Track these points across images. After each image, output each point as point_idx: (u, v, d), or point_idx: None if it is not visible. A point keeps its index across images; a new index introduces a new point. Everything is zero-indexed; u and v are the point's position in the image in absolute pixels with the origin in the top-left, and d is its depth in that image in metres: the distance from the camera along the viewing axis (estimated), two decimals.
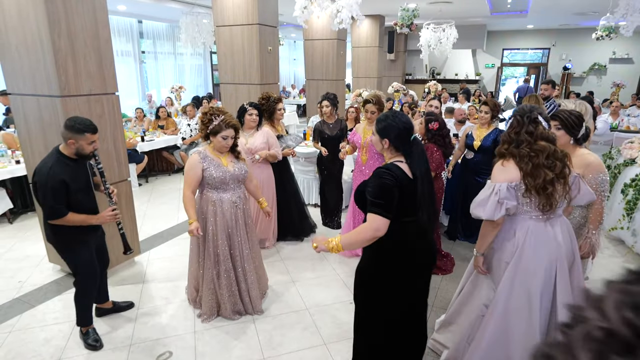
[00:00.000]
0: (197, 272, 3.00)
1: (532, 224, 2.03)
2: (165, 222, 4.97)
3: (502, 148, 2.08)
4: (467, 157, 4.13)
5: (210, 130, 2.74)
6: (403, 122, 1.90)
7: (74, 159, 2.49)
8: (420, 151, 1.91)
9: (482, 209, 2.03)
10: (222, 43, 5.54)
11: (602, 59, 13.74)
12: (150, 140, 6.65)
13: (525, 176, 1.96)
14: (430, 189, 1.92)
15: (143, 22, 10.02)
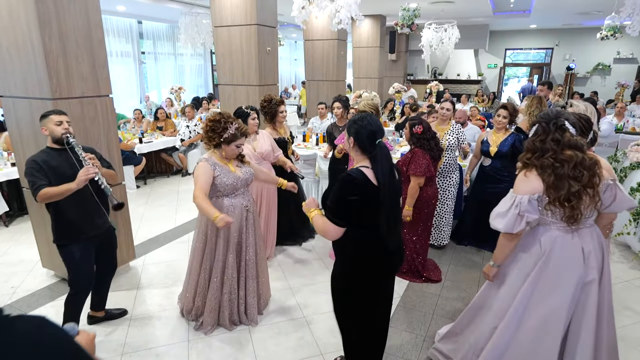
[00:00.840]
0: (197, 282, 2.89)
1: (559, 235, 1.94)
2: (162, 225, 4.90)
3: (524, 157, 1.97)
4: (483, 164, 3.98)
5: (225, 139, 2.62)
6: (370, 124, 1.87)
7: (57, 149, 2.51)
8: (384, 157, 1.85)
9: (501, 220, 1.95)
10: (221, 44, 5.47)
11: (606, 59, 13.60)
12: (148, 142, 6.59)
13: (548, 188, 1.87)
14: (394, 197, 1.89)
15: (143, 22, 9.97)
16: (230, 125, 2.61)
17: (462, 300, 3.37)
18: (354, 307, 2.08)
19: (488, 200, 3.81)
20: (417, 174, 3.35)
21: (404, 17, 6.05)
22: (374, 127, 1.86)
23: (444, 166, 4.01)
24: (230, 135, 2.61)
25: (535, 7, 9.42)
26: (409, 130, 3.48)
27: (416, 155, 3.38)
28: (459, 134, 4.05)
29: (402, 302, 3.32)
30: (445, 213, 4.14)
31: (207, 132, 2.65)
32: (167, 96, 9.99)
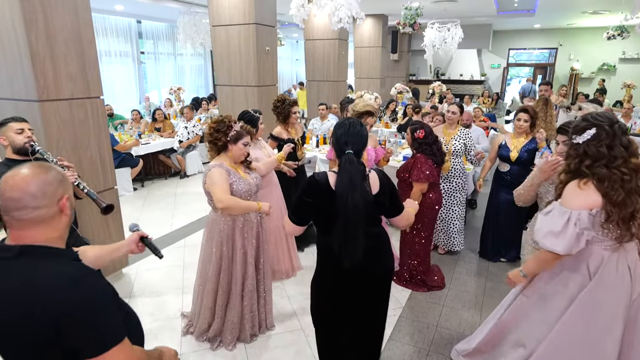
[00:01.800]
0: (214, 301, 2.67)
1: (606, 255, 1.74)
2: (158, 229, 4.78)
3: (582, 164, 1.70)
4: (501, 169, 3.75)
5: (231, 138, 2.50)
6: (346, 134, 1.84)
7: (18, 160, 2.30)
8: (346, 170, 1.77)
9: (558, 241, 1.69)
10: (219, 43, 5.36)
11: (611, 59, 13.42)
12: (146, 144, 6.47)
13: (613, 205, 1.62)
14: (355, 214, 1.74)
15: (142, 22, 9.85)
16: (234, 124, 2.53)
17: (468, 310, 3.23)
18: (312, 311, 2.14)
19: (508, 210, 3.69)
20: (420, 180, 3.22)
21: (406, 16, 5.91)
22: (348, 137, 1.82)
23: (451, 170, 3.86)
24: (236, 132, 2.50)
25: (540, 7, 9.27)
26: (410, 136, 3.37)
27: (419, 161, 3.26)
28: (466, 140, 3.89)
29: (404, 312, 3.19)
30: (454, 219, 3.97)
31: (211, 135, 2.51)
32: (167, 97, 9.87)
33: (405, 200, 2.15)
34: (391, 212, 1.98)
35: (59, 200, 1.13)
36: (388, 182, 1.91)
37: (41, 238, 1.11)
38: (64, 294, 1.02)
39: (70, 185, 1.24)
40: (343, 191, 1.73)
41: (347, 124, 1.85)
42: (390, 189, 1.90)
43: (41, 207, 1.09)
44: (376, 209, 1.90)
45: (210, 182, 2.45)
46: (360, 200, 1.73)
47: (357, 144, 1.82)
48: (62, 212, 1.14)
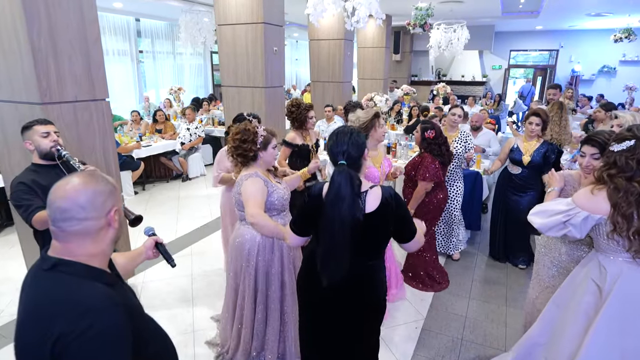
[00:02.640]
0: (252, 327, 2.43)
1: (626, 268, 1.69)
2: (162, 235, 4.55)
3: (606, 171, 1.69)
4: (512, 171, 3.73)
5: (261, 145, 2.28)
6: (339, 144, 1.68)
7: (45, 166, 2.23)
8: (335, 181, 1.60)
9: (541, 219, 1.81)
10: (224, 43, 5.18)
11: (611, 61, 13.40)
12: (147, 146, 6.27)
13: (622, 217, 1.61)
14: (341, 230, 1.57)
15: (141, 20, 9.63)
16: (258, 129, 2.29)
17: (492, 321, 3.10)
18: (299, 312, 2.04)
19: (515, 211, 3.74)
20: (426, 179, 3.22)
21: (416, 16, 5.78)
22: (341, 147, 1.67)
23: (449, 174, 3.83)
24: (264, 137, 2.28)
25: (545, 8, 9.18)
26: (420, 135, 3.35)
27: (425, 160, 3.26)
28: (467, 142, 3.87)
29: (426, 325, 3.05)
30: (453, 223, 3.95)
31: (239, 148, 2.26)
32: (166, 97, 9.67)
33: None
34: (400, 236, 1.78)
35: (107, 212, 1.09)
36: (396, 203, 1.69)
37: (81, 253, 1.07)
38: (72, 322, 0.96)
39: (120, 197, 1.17)
40: (329, 203, 1.59)
41: (341, 133, 1.70)
42: (395, 210, 1.68)
43: (88, 219, 1.06)
44: (371, 232, 1.68)
45: (247, 193, 2.22)
46: (347, 215, 1.56)
47: (351, 153, 1.65)
48: (109, 226, 1.11)
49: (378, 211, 1.66)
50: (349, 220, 1.57)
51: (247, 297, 2.40)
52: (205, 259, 4.05)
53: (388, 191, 1.69)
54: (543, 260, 2.24)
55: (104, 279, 1.09)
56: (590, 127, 7.03)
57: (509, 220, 3.84)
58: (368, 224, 1.64)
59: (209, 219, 5.09)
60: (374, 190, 1.68)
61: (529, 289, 2.45)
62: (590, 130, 6.99)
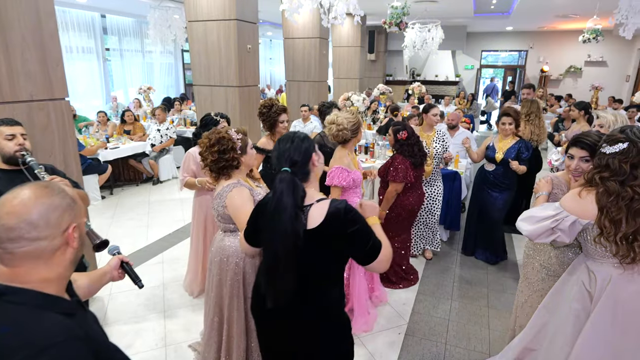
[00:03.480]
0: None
1: (615, 273, 1.63)
2: (131, 242, 4.36)
3: (596, 173, 1.63)
4: (487, 169, 3.81)
5: (242, 150, 2.12)
6: (283, 150, 1.51)
7: (7, 171, 2.04)
8: (277, 187, 1.41)
9: (529, 225, 1.74)
10: (196, 40, 4.97)
11: (577, 62, 13.87)
12: (114, 148, 5.97)
13: (610, 222, 1.56)
14: (284, 242, 1.38)
15: (107, 16, 9.21)
16: (232, 133, 2.11)
17: (475, 324, 3.06)
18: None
19: (488, 208, 3.83)
20: (396, 180, 3.20)
21: (392, 15, 5.74)
22: (283, 154, 1.48)
23: (432, 175, 3.84)
24: (241, 140, 2.12)
25: (515, 9, 9.37)
26: (393, 137, 3.32)
27: (396, 161, 3.25)
28: (444, 141, 3.88)
29: (409, 330, 2.97)
30: (435, 224, 3.96)
31: (220, 160, 2.06)
32: (135, 96, 9.28)
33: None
34: (358, 258, 1.48)
35: (64, 230, 0.94)
36: (348, 219, 1.41)
37: (33, 278, 0.91)
38: None
39: (82, 211, 1.00)
40: (270, 214, 1.41)
41: (284, 138, 1.53)
42: (345, 228, 1.40)
43: (41, 239, 0.90)
44: (314, 251, 1.43)
45: (233, 206, 2.02)
46: (289, 228, 1.36)
47: (295, 159, 1.46)
48: (67, 245, 0.95)
49: (321, 228, 1.41)
50: (291, 234, 1.36)
51: (236, 323, 2.12)
52: (178, 266, 3.84)
53: (337, 206, 1.43)
54: (532, 263, 2.19)
55: (62, 307, 0.93)
56: (561, 126, 7.21)
57: (482, 216, 3.91)
58: (310, 242, 1.41)
59: (182, 224, 4.87)
60: (319, 205, 1.45)
61: (517, 292, 2.41)
62: (562, 129, 7.16)
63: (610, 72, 13.42)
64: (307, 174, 1.52)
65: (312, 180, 1.54)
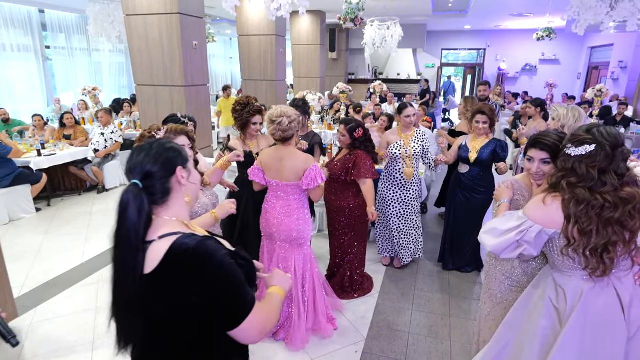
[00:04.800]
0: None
1: (586, 288, 1.47)
2: (65, 261, 3.92)
3: (563, 178, 1.46)
4: (461, 170, 3.57)
5: None
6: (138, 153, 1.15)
7: None
8: (121, 201, 1.06)
9: (492, 239, 1.57)
10: (136, 36, 4.57)
11: (532, 60, 14.30)
12: (50, 155, 5.43)
13: (579, 233, 1.40)
14: (121, 282, 1.06)
15: (46, 12, 8.51)
16: (158, 132, 1.96)
17: (436, 336, 2.88)
18: None
19: (466, 213, 3.59)
20: (367, 175, 3.03)
21: (347, 11, 5.55)
22: (136, 163, 1.11)
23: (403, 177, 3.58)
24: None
25: (472, 8, 9.46)
26: (349, 136, 3.11)
27: (361, 157, 3.07)
28: (423, 141, 3.60)
29: (367, 347, 2.76)
30: (412, 229, 3.67)
31: None
32: (80, 98, 8.63)
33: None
34: (214, 317, 1.09)
35: None
36: (199, 264, 1.04)
37: None
38: None
39: None
40: (112, 238, 1.06)
41: (145, 146, 1.16)
42: (189, 275, 1.04)
43: None
44: (151, 306, 1.07)
45: None
46: (130, 261, 1.04)
47: (150, 170, 1.09)
48: None
49: (155, 275, 1.04)
50: (131, 275, 1.03)
51: None
52: None
53: (184, 245, 1.05)
54: (494, 273, 2.01)
55: None
56: (518, 123, 7.29)
57: (457, 222, 3.68)
58: (148, 292, 1.06)
59: None
60: (161, 242, 1.06)
61: (480, 302, 2.24)
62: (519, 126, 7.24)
63: (563, 70, 13.92)
64: (166, 194, 1.12)
65: (174, 204, 1.14)
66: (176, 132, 2.00)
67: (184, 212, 1.18)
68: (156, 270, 1.04)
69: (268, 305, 1.20)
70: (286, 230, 2.63)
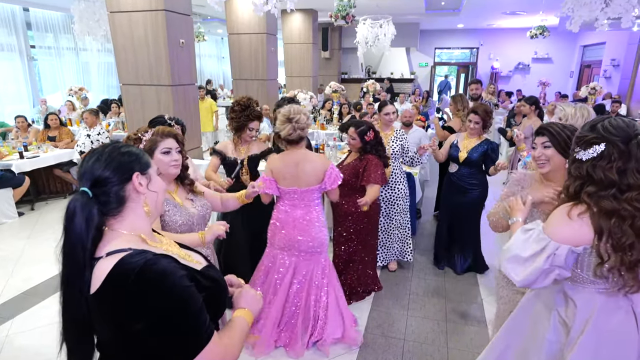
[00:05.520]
0: None
1: (600, 302, 1.32)
2: (46, 268, 3.76)
3: (579, 189, 1.30)
4: (450, 170, 3.55)
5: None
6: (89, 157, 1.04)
7: None
8: (68, 210, 0.98)
9: (519, 270, 1.33)
10: (120, 34, 4.42)
11: (525, 58, 14.29)
12: (33, 157, 5.25)
13: (614, 249, 1.21)
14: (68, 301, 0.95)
15: (30, 10, 8.30)
16: (143, 134, 1.85)
17: (433, 342, 2.78)
18: None
19: (457, 213, 3.56)
20: (378, 182, 2.88)
21: (339, 7, 5.45)
22: (86, 169, 1.00)
23: (391, 176, 3.50)
24: (148, 142, 1.83)
25: (465, 6, 9.39)
26: (359, 139, 2.96)
27: (372, 162, 2.91)
28: (402, 140, 3.57)
29: (360, 356, 2.64)
30: (395, 229, 3.60)
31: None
32: (67, 99, 8.44)
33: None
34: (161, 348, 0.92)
35: None
36: (142, 289, 0.89)
37: None
38: None
39: None
40: (60, 258, 0.96)
41: (98, 149, 1.03)
42: (132, 299, 0.89)
43: None
44: (107, 331, 0.95)
45: None
46: (76, 281, 0.92)
47: (97, 176, 0.97)
48: None
49: (98, 297, 0.91)
50: (77, 294, 0.92)
51: None
52: None
53: (128, 266, 0.90)
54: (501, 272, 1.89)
55: None
56: (512, 121, 7.22)
57: (450, 222, 3.66)
58: (93, 314, 0.94)
59: None
60: (106, 261, 0.92)
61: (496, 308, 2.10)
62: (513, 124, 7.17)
63: (556, 68, 13.92)
64: (121, 203, 0.99)
65: (129, 215, 1.01)
66: (163, 135, 1.86)
67: (141, 223, 1.04)
68: (99, 292, 0.91)
69: (230, 333, 1.04)
70: (311, 240, 2.49)
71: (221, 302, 1.09)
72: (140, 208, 1.04)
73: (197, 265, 1.07)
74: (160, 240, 1.09)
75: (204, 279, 1.01)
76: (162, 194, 1.12)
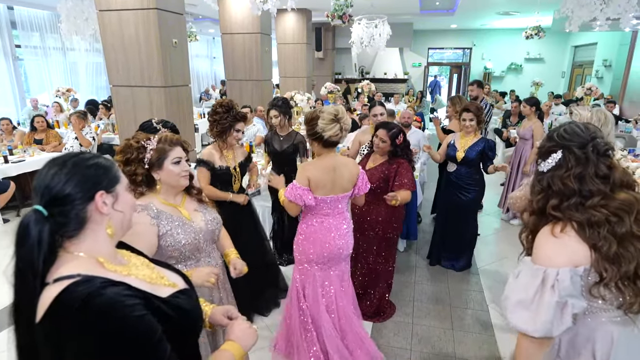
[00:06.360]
0: None
1: (617, 332, 1.19)
2: None
3: (548, 205, 1.19)
4: (449, 169, 3.56)
5: (153, 163, 1.60)
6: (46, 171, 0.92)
7: None
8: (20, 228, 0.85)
9: (527, 315, 1.15)
10: (109, 33, 4.25)
11: (517, 59, 14.33)
12: (18, 161, 5.05)
13: (607, 261, 1.10)
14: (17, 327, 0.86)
15: (15, 9, 8.05)
16: (149, 142, 1.61)
17: (439, 353, 2.68)
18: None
19: (454, 212, 3.55)
20: (409, 187, 2.74)
21: (335, 7, 5.35)
22: (42, 184, 0.87)
23: None
24: (156, 151, 1.60)
25: (459, 6, 9.35)
26: (390, 142, 2.77)
27: (404, 167, 2.79)
28: None
29: None
30: None
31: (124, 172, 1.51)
32: (54, 100, 8.21)
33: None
34: None
35: None
36: (88, 320, 0.79)
37: None
38: None
39: None
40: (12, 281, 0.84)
41: (58, 160, 0.90)
42: (74, 331, 0.80)
43: None
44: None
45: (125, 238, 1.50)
46: (24, 307, 0.83)
47: (55, 193, 0.85)
48: None
49: (41, 327, 0.82)
50: (25, 315, 0.82)
51: None
52: None
53: (74, 294, 0.80)
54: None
55: None
56: (508, 122, 7.19)
57: (447, 221, 3.66)
58: (39, 343, 0.83)
59: None
60: (52, 288, 0.82)
61: None
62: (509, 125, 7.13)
63: (548, 69, 13.98)
64: (80, 225, 0.86)
65: (88, 237, 0.88)
66: (171, 143, 1.64)
67: (101, 246, 0.91)
68: (42, 322, 0.80)
69: None
70: (350, 248, 2.35)
71: (190, 332, 0.98)
72: (103, 230, 0.91)
73: (168, 290, 0.95)
74: (129, 260, 0.97)
75: (168, 307, 0.90)
76: (129, 212, 0.98)
